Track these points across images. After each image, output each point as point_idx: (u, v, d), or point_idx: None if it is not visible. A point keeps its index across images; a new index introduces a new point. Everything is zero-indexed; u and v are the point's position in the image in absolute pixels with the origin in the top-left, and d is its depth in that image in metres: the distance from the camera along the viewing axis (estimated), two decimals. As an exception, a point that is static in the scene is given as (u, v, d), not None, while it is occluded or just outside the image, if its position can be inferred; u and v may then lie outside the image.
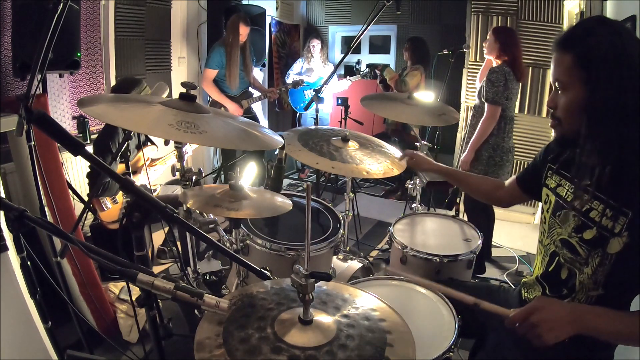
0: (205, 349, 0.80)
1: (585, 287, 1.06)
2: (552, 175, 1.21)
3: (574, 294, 1.09)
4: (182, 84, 1.20)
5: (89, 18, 2.97)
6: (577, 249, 1.07)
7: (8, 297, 1.47)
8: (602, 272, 1.02)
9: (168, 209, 0.93)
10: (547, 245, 1.20)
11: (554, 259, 1.16)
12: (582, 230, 1.06)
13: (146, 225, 2.42)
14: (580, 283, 1.07)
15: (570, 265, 1.10)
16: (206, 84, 3.48)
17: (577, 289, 1.08)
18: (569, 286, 1.10)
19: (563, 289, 1.12)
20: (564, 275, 1.12)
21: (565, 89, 1.03)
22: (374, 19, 2.09)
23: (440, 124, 2.09)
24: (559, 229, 1.14)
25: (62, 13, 1.39)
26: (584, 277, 1.06)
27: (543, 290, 1.20)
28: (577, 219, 1.08)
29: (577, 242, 1.07)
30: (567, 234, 1.11)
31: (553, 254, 1.16)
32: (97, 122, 3.12)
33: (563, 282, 1.12)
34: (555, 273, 1.15)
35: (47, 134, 0.87)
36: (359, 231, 3.28)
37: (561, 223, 1.14)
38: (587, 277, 1.05)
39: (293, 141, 1.70)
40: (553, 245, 1.17)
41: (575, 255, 1.08)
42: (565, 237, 1.11)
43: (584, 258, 1.06)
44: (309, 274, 0.86)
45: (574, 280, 1.09)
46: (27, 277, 1.13)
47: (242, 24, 3.38)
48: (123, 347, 1.98)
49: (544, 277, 1.21)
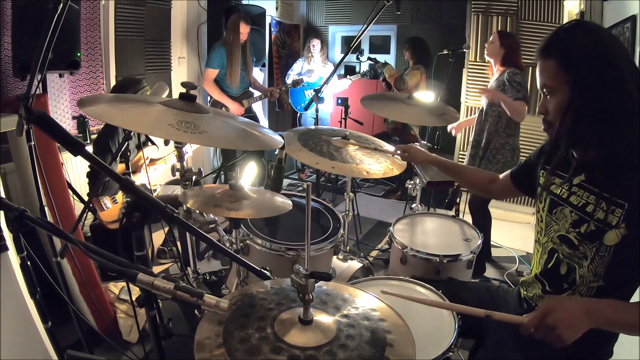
0: (205, 349, 0.80)
1: (586, 279, 1.08)
2: (546, 174, 1.24)
3: (575, 287, 1.11)
4: (182, 84, 1.20)
5: (89, 18, 2.97)
6: (575, 244, 1.09)
7: (8, 297, 1.47)
8: (601, 264, 1.04)
9: (168, 209, 0.93)
10: (545, 243, 1.21)
11: (553, 255, 1.17)
12: (579, 225, 1.08)
13: (146, 225, 2.42)
14: (581, 277, 1.09)
15: (569, 260, 1.11)
16: (207, 83, 3.48)
17: (577, 282, 1.10)
18: (569, 280, 1.12)
19: (563, 284, 1.14)
20: (564, 271, 1.13)
21: (552, 93, 1.06)
22: (374, 19, 2.10)
23: (440, 124, 2.09)
24: (556, 226, 1.16)
25: (62, 13, 1.39)
26: (584, 270, 1.08)
27: (543, 287, 1.21)
28: (574, 214, 1.10)
29: (575, 237, 1.09)
30: (565, 229, 1.12)
31: (552, 251, 1.17)
32: (97, 122, 3.12)
33: (563, 277, 1.14)
34: (555, 269, 1.16)
35: (47, 134, 0.87)
36: (359, 231, 3.28)
37: (558, 220, 1.15)
38: (587, 270, 1.07)
39: (293, 141, 1.70)
40: (551, 243, 1.18)
41: (573, 250, 1.10)
42: (563, 232, 1.13)
43: (582, 252, 1.07)
44: (309, 274, 0.86)
45: (574, 274, 1.10)
46: (27, 277, 1.13)
47: (242, 23, 3.38)
48: (123, 347, 1.98)
49: (543, 274, 1.21)
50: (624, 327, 0.96)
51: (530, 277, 1.27)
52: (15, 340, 1.50)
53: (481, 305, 1.37)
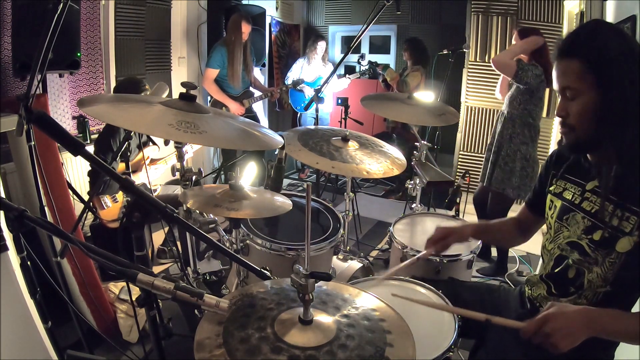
0: (205, 349, 0.80)
1: (594, 285, 1.07)
2: (557, 181, 1.21)
3: (582, 292, 1.10)
4: (182, 84, 1.20)
5: (89, 18, 2.97)
6: (586, 250, 1.07)
7: (8, 297, 1.47)
8: (610, 270, 1.03)
9: (168, 209, 0.93)
10: (551, 250, 1.19)
11: (561, 262, 1.15)
12: (592, 231, 1.06)
13: (146, 225, 2.42)
14: (589, 281, 1.07)
15: (578, 266, 1.10)
16: (207, 83, 3.48)
17: (585, 287, 1.09)
18: (577, 284, 1.10)
19: (570, 288, 1.12)
20: (572, 275, 1.12)
21: (576, 95, 1.01)
22: (374, 19, 2.09)
23: (440, 124, 2.09)
24: (567, 232, 1.14)
25: (62, 13, 1.39)
26: (593, 275, 1.06)
27: (548, 289, 1.19)
28: (587, 221, 1.08)
29: (587, 244, 1.07)
30: (577, 236, 1.10)
31: (559, 258, 1.16)
32: (97, 122, 3.12)
33: (570, 281, 1.12)
34: (562, 273, 1.14)
35: (47, 134, 0.87)
36: (359, 231, 3.28)
37: (569, 226, 1.13)
38: (596, 276, 1.05)
39: (293, 141, 1.70)
40: (558, 250, 1.16)
41: (584, 257, 1.08)
42: (574, 239, 1.11)
43: (593, 258, 1.06)
44: (309, 274, 0.86)
45: (582, 279, 1.09)
46: (27, 277, 1.13)
47: (244, 23, 3.38)
48: (123, 347, 1.98)
49: (549, 277, 1.20)
50: (624, 337, 0.96)
51: (536, 277, 1.26)
52: (15, 340, 1.50)
53: (482, 305, 1.38)
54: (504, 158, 2.64)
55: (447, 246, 1.36)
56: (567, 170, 1.18)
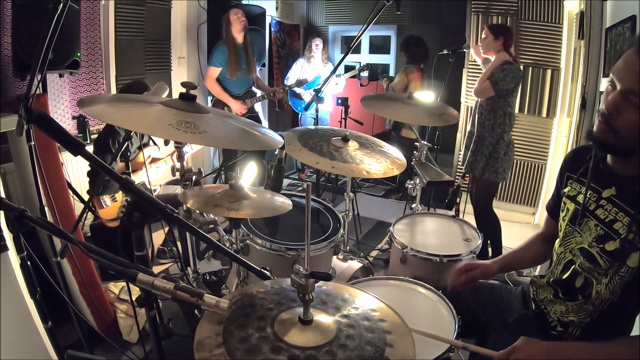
0: (205, 349, 0.80)
1: (602, 295, 1.05)
2: (572, 183, 1.18)
3: (589, 300, 1.08)
4: (182, 84, 1.20)
5: (89, 18, 2.97)
6: (597, 260, 1.05)
7: (8, 297, 1.47)
8: (619, 284, 1.01)
9: (168, 209, 0.93)
10: (561, 254, 1.18)
11: (569, 267, 1.13)
12: (605, 241, 1.03)
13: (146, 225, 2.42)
14: (597, 292, 1.06)
15: (587, 274, 1.08)
16: (209, 82, 3.47)
17: (592, 297, 1.07)
18: (585, 294, 1.08)
19: (578, 296, 1.10)
20: (579, 284, 1.10)
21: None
22: (374, 19, 2.09)
23: (440, 124, 2.09)
24: (579, 237, 1.12)
25: (62, 13, 1.39)
26: (601, 287, 1.04)
27: (555, 294, 1.18)
28: (599, 229, 1.05)
29: (598, 253, 1.05)
30: (588, 243, 1.08)
31: (568, 263, 1.14)
32: (97, 122, 3.12)
33: (578, 290, 1.10)
34: (570, 280, 1.13)
35: (47, 134, 0.86)
36: (359, 231, 3.28)
37: (582, 231, 1.11)
38: (605, 288, 1.04)
39: (293, 141, 1.70)
40: (569, 254, 1.14)
41: (594, 265, 1.06)
42: (585, 246, 1.09)
43: (603, 269, 1.03)
44: (309, 274, 0.86)
45: (591, 289, 1.07)
46: (27, 277, 1.13)
47: (231, 11, 3.38)
48: (123, 347, 1.98)
49: (556, 282, 1.18)
50: None
51: (542, 281, 1.25)
52: (15, 340, 1.50)
53: (483, 304, 1.38)
54: (488, 147, 2.69)
55: (474, 280, 1.33)
56: (584, 173, 1.14)
